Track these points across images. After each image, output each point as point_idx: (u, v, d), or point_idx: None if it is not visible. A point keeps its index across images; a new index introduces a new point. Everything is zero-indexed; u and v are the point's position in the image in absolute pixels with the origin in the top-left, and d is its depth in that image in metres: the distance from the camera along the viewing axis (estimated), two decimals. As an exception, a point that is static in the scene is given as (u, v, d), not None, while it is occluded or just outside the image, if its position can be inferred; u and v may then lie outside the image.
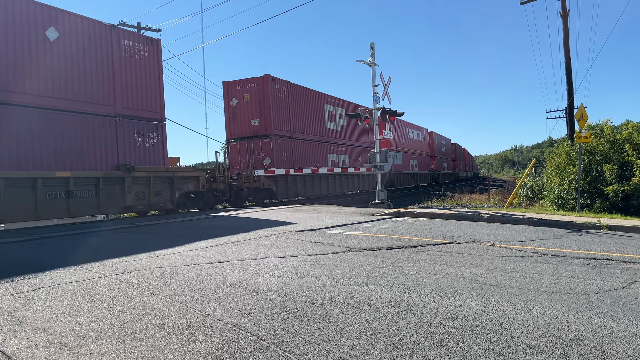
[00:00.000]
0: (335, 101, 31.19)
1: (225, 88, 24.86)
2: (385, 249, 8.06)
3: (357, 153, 33.38)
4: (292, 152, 25.38)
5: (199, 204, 19.75)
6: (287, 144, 25.11)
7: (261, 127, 23.84)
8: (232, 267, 6.42)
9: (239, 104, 24.42)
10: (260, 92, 23.82)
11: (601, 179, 16.76)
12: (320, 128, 28.97)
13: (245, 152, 24.25)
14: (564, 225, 11.37)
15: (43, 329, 3.94)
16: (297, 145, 25.98)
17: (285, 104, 25.13)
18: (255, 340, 3.64)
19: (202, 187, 19.47)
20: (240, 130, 24.48)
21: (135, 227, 11.73)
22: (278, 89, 24.54)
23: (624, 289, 5.34)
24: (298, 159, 25.82)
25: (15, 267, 6.55)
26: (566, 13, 23.71)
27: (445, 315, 4.28)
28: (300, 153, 26.18)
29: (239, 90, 24.46)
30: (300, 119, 26.51)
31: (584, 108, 15.65)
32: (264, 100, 23.69)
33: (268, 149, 23.76)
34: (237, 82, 24.58)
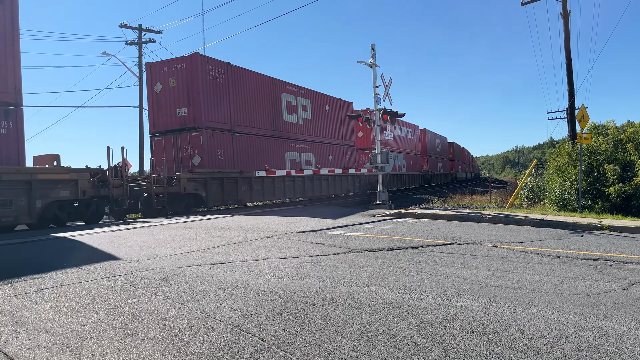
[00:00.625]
0: (296, 90, 26.47)
1: (149, 71, 20.70)
2: (386, 249, 8.06)
3: (326, 151, 28.86)
4: (232, 149, 20.77)
5: (84, 215, 15.32)
6: (225, 139, 20.54)
7: (189, 118, 19.49)
8: (234, 268, 6.42)
9: (164, 90, 20.09)
10: (189, 75, 19.49)
11: (602, 179, 16.75)
12: (274, 121, 24.19)
13: (172, 149, 19.97)
14: (565, 226, 11.36)
15: (45, 330, 3.94)
16: (240, 141, 21.38)
17: (224, 91, 20.60)
18: (256, 341, 3.64)
19: (82, 193, 14.84)
20: (166, 121, 20.11)
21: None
22: (212, 72, 20.14)
23: (625, 289, 5.34)
24: (241, 158, 21.36)
25: (17, 268, 6.56)
26: (567, 14, 23.70)
27: (446, 316, 4.28)
28: (244, 150, 21.65)
29: (164, 73, 20.13)
30: (245, 109, 21.92)
31: (585, 109, 15.64)
32: (193, 84, 19.36)
33: (197, 144, 19.37)
34: (162, 63, 20.51)
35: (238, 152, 21.18)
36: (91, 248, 8.40)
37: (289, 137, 25.28)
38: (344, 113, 30.12)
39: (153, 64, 20.64)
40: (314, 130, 27.74)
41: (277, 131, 24.28)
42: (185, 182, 17.87)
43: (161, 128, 20.26)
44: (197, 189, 18.41)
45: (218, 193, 19.47)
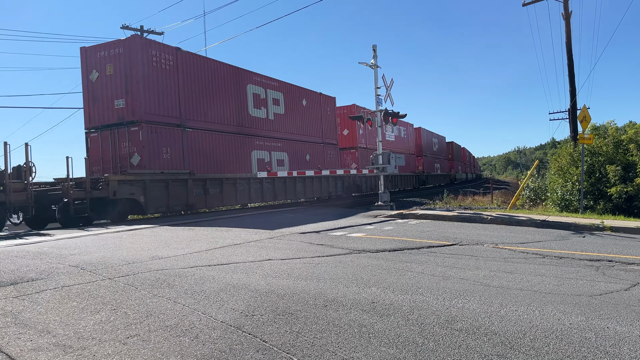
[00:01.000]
0: (266, 81, 23.17)
1: (84, 57, 17.64)
2: (387, 250, 8.06)
3: (303, 150, 25.55)
4: (182, 147, 17.82)
5: None
6: (172, 135, 17.55)
7: (127, 111, 16.58)
8: (235, 269, 6.43)
9: (100, 79, 17.24)
10: (127, 61, 16.59)
11: (604, 180, 16.73)
12: (239, 116, 21.01)
13: (109, 147, 17.03)
14: (567, 227, 11.35)
15: (47, 331, 3.95)
16: (193, 138, 18.43)
17: (172, 80, 17.76)
18: (258, 342, 3.65)
19: None
20: (103, 115, 17.22)
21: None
22: (157, 57, 17.28)
23: (627, 290, 5.33)
24: (195, 157, 18.37)
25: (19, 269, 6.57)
26: (568, 14, 23.69)
27: (448, 317, 4.28)
28: (198, 148, 18.64)
29: (100, 59, 17.18)
30: (200, 101, 18.98)
31: (586, 109, 15.63)
32: (132, 71, 16.46)
33: (136, 140, 16.43)
34: (98, 47, 17.41)
35: (190, 150, 18.16)
36: None
37: (256, 134, 22.04)
38: (325, 108, 28.14)
39: (88, 49, 17.56)
40: (287, 126, 24.49)
41: (242, 127, 21.13)
42: (115, 185, 14.92)
43: (97, 122, 17.32)
44: (132, 193, 15.47)
45: (161, 197, 16.55)
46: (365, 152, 31.45)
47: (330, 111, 28.93)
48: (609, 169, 16.42)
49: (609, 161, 16.94)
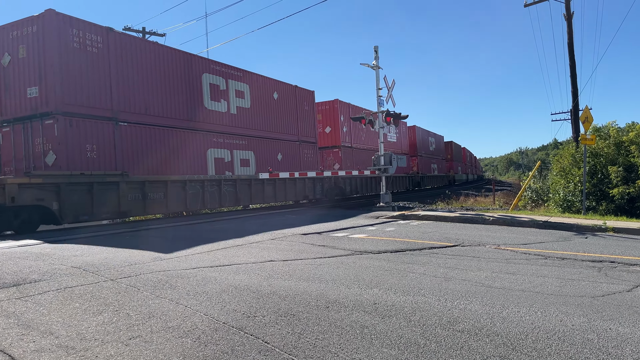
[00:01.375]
0: (227, 71, 20.15)
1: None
2: (389, 252, 8.06)
3: (273, 149, 22.65)
4: (114, 144, 14.90)
5: None
6: (101, 130, 14.64)
7: (41, 100, 13.80)
8: (237, 270, 6.44)
9: (12, 63, 14.38)
10: (42, 41, 13.79)
11: (607, 181, 16.70)
12: (191, 109, 18.11)
13: (21, 143, 14.22)
14: (570, 228, 11.33)
15: (49, 332, 3.96)
16: (129, 133, 15.41)
17: (100, 65, 14.83)
18: (260, 344, 3.65)
19: None
20: (15, 105, 14.34)
21: (140, 231, 11.76)
22: (81, 38, 14.41)
23: (629, 291, 5.32)
24: (131, 155, 15.43)
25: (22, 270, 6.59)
26: (570, 15, 23.68)
27: (450, 318, 4.28)
28: (136, 145, 15.68)
29: (12, 39, 14.33)
30: (138, 90, 15.96)
31: (588, 110, 15.62)
32: (47, 54, 13.69)
33: (51, 136, 13.68)
34: (10, 26, 14.45)
35: (125, 148, 15.24)
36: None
37: (214, 130, 19.13)
38: (301, 103, 25.20)
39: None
40: (254, 122, 21.46)
41: (195, 122, 18.24)
42: (13, 189, 11.93)
43: (10, 115, 14.46)
44: (41, 199, 12.64)
45: (83, 204, 13.59)
46: (349, 152, 29.37)
47: (308, 106, 25.93)
48: (610, 170, 16.40)
49: (611, 162, 16.91)
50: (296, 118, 24.84)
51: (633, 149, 16.51)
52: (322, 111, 28.54)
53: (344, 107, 29.44)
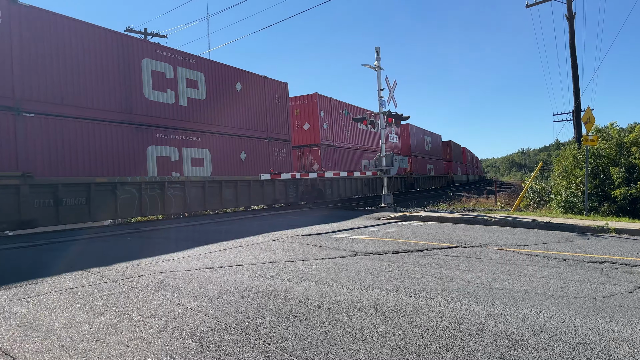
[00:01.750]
0: (175, 57, 17.45)
1: None
2: (391, 253, 8.05)
3: (236, 147, 19.76)
4: (14, 139, 12.33)
5: None
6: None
7: None
8: (239, 271, 6.44)
9: None
10: None
11: (608, 182, 16.67)
12: (127, 99, 15.42)
13: None
14: (572, 229, 11.31)
15: (51, 333, 3.97)
16: (38, 127, 12.82)
17: None
18: (261, 345, 3.65)
19: None
20: None
21: (142, 232, 11.78)
22: None
23: (631, 292, 5.31)
24: (40, 153, 12.84)
25: (24, 272, 6.60)
26: (572, 16, 23.65)
27: (451, 319, 4.27)
28: (48, 141, 13.04)
29: None
30: (53, 76, 13.32)
31: (590, 111, 15.59)
32: None
33: None
34: None
35: (32, 144, 12.67)
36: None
37: (157, 125, 16.40)
38: (272, 96, 22.44)
39: None
40: (210, 116, 18.67)
41: (132, 114, 15.53)
42: None
43: None
44: None
45: None
46: (331, 151, 26.62)
47: (280, 100, 23.05)
48: (612, 171, 16.36)
49: (612, 163, 16.88)
50: (264, 112, 21.84)
51: (635, 150, 16.48)
52: (301, 106, 25.86)
53: (325, 101, 26.53)
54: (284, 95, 23.47)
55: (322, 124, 25.98)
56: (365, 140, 31.83)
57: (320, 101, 26.02)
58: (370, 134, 32.27)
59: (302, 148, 25.73)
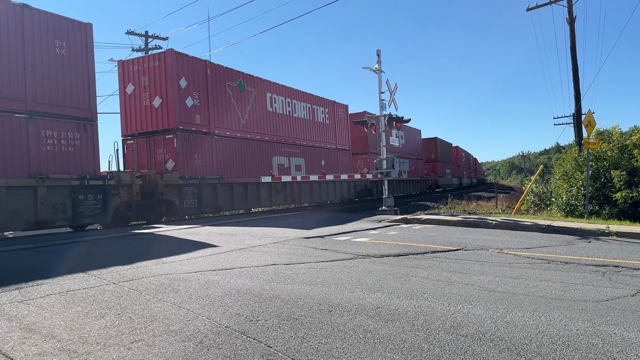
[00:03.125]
0: None
1: None
2: (392, 255, 8.04)
3: None
4: None
5: None
6: None
7: None
8: (240, 274, 6.42)
9: None
10: None
11: (609, 185, 16.66)
12: None
13: None
14: (573, 232, 11.29)
15: (51, 335, 3.95)
16: None
17: None
18: (262, 348, 3.64)
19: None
20: None
21: (142, 234, 11.76)
22: None
23: (634, 296, 5.29)
24: None
25: (24, 274, 6.59)
26: (573, 19, 23.68)
27: (453, 322, 4.25)
28: None
29: None
30: None
31: (591, 114, 15.58)
32: None
33: None
34: None
35: None
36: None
37: None
38: None
39: None
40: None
41: None
42: None
43: None
44: None
45: None
46: (201, 140, 18.17)
47: None
48: (613, 174, 16.35)
49: (613, 166, 16.87)
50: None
51: (636, 153, 16.47)
52: (149, 71, 17.30)
53: (190, 64, 17.64)
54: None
55: (183, 98, 17.29)
56: (316, 134, 24.88)
57: (180, 63, 17.20)
58: (325, 127, 26.13)
59: (152, 136, 17.34)
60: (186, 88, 17.50)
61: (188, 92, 17.59)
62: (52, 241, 10.29)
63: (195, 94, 17.92)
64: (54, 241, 10.29)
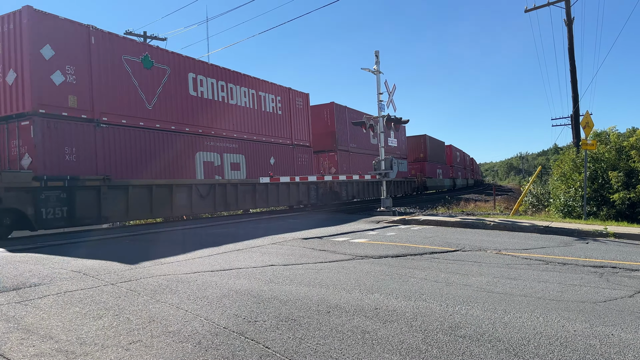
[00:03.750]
0: None
1: None
2: (390, 256, 8.04)
3: None
4: None
5: None
6: None
7: None
8: (238, 274, 6.42)
9: None
10: None
11: (607, 186, 16.70)
12: None
13: None
14: (571, 233, 11.31)
15: (49, 336, 3.95)
16: None
17: None
18: (260, 349, 3.63)
19: None
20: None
21: (140, 235, 11.75)
22: None
23: (631, 297, 5.31)
24: None
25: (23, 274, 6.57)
26: (571, 20, 23.74)
27: (451, 323, 4.26)
28: None
29: None
30: None
31: (589, 115, 15.62)
32: None
33: None
34: None
35: None
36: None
37: None
38: None
39: None
40: None
41: None
42: None
43: None
44: None
45: None
46: (67, 127, 13.48)
47: None
48: (611, 175, 16.39)
49: (611, 167, 16.91)
50: None
51: (634, 154, 16.51)
52: (2, 36, 13.05)
53: (54, 27, 13.15)
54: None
55: (47, 72, 12.99)
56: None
57: (44, 26, 13.02)
58: (267, 116, 21.79)
59: (4, 123, 13.05)
60: (53, 59, 13.07)
61: (56, 65, 13.16)
62: (52, 242, 10.25)
63: (69, 68, 13.53)
64: (54, 242, 10.24)
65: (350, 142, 28.69)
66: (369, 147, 31.27)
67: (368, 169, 26.31)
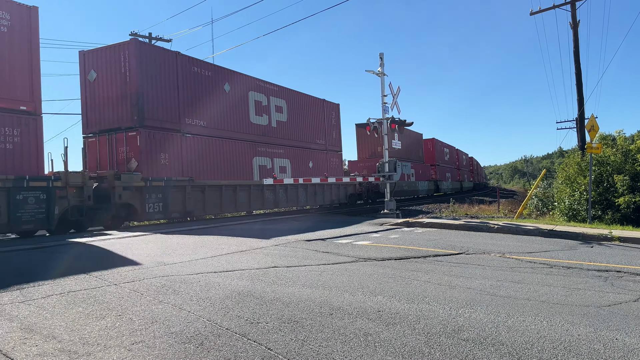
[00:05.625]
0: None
1: None
2: (393, 259, 8.02)
3: None
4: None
5: None
6: None
7: None
8: (241, 276, 6.42)
9: None
10: None
11: (612, 190, 16.61)
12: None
13: None
14: (575, 237, 11.25)
15: (52, 336, 3.95)
16: None
17: None
18: (263, 350, 3.63)
19: None
20: None
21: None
22: None
23: (636, 301, 5.27)
24: None
25: (26, 274, 6.60)
26: (576, 24, 23.66)
27: (454, 326, 4.24)
28: None
29: None
30: None
31: (594, 119, 15.55)
32: None
33: None
34: None
35: None
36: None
37: None
38: None
39: None
40: None
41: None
42: None
43: None
44: None
45: None
46: None
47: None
48: (616, 178, 16.31)
49: (617, 171, 16.83)
50: None
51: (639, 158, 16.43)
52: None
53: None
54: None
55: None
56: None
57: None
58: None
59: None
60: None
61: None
62: (57, 242, 10.29)
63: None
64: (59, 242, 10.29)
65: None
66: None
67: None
